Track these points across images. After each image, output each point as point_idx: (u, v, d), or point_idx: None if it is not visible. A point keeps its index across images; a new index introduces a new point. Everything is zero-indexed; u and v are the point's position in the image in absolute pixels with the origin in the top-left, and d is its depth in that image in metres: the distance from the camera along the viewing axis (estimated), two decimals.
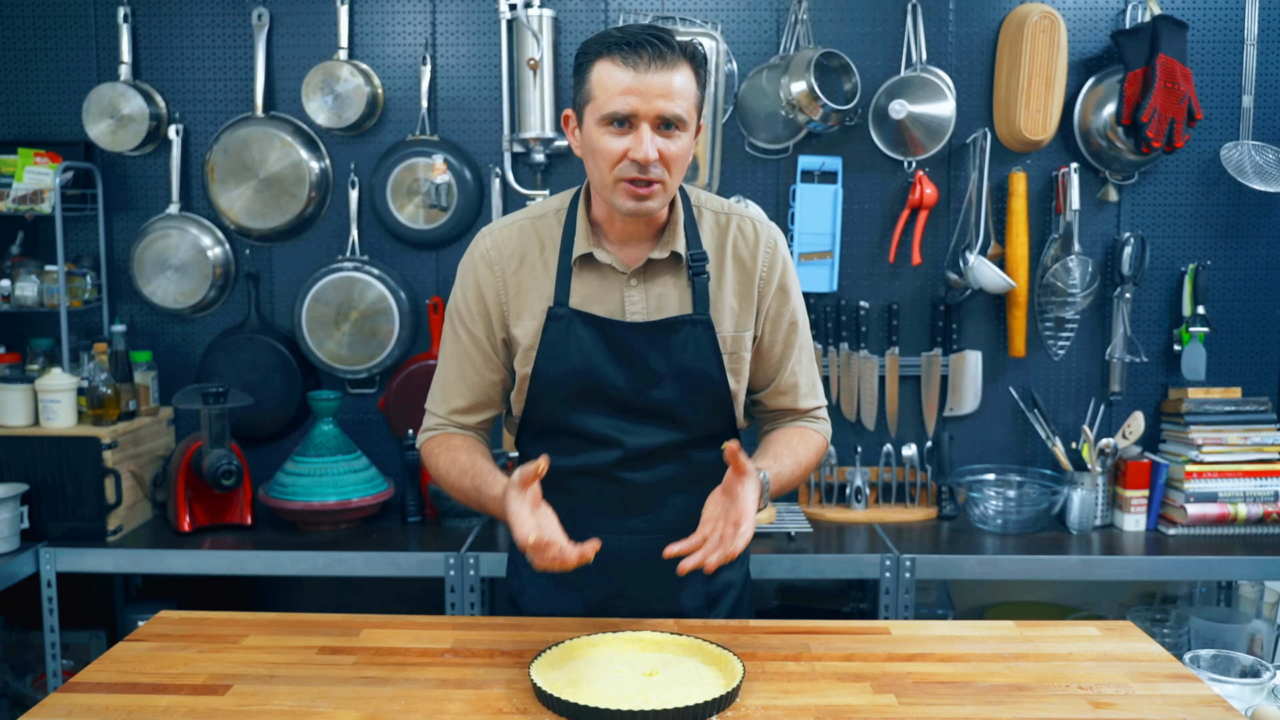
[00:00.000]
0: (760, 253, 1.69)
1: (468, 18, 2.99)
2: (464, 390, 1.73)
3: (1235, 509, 2.76)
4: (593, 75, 1.55)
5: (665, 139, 1.54)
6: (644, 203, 1.56)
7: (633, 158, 1.52)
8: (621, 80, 1.51)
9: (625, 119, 1.52)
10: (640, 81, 1.51)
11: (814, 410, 1.79)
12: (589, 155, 1.59)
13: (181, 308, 3.02)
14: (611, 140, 1.54)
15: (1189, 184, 3.00)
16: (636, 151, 1.52)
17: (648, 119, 1.52)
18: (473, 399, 1.73)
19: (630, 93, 1.51)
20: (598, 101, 1.54)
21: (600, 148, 1.55)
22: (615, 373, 1.65)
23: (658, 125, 1.53)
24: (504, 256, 1.69)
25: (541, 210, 1.72)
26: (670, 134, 1.54)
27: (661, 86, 1.51)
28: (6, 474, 2.68)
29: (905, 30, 2.92)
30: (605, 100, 1.53)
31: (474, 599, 2.59)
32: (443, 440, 1.73)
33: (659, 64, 1.51)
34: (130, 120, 2.94)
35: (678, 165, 1.56)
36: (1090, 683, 1.47)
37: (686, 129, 1.55)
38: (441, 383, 1.75)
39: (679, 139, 1.55)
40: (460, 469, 1.67)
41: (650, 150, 1.51)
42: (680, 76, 1.53)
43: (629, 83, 1.51)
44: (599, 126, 1.55)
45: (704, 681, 1.42)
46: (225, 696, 1.42)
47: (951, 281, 2.92)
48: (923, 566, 2.58)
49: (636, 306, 1.65)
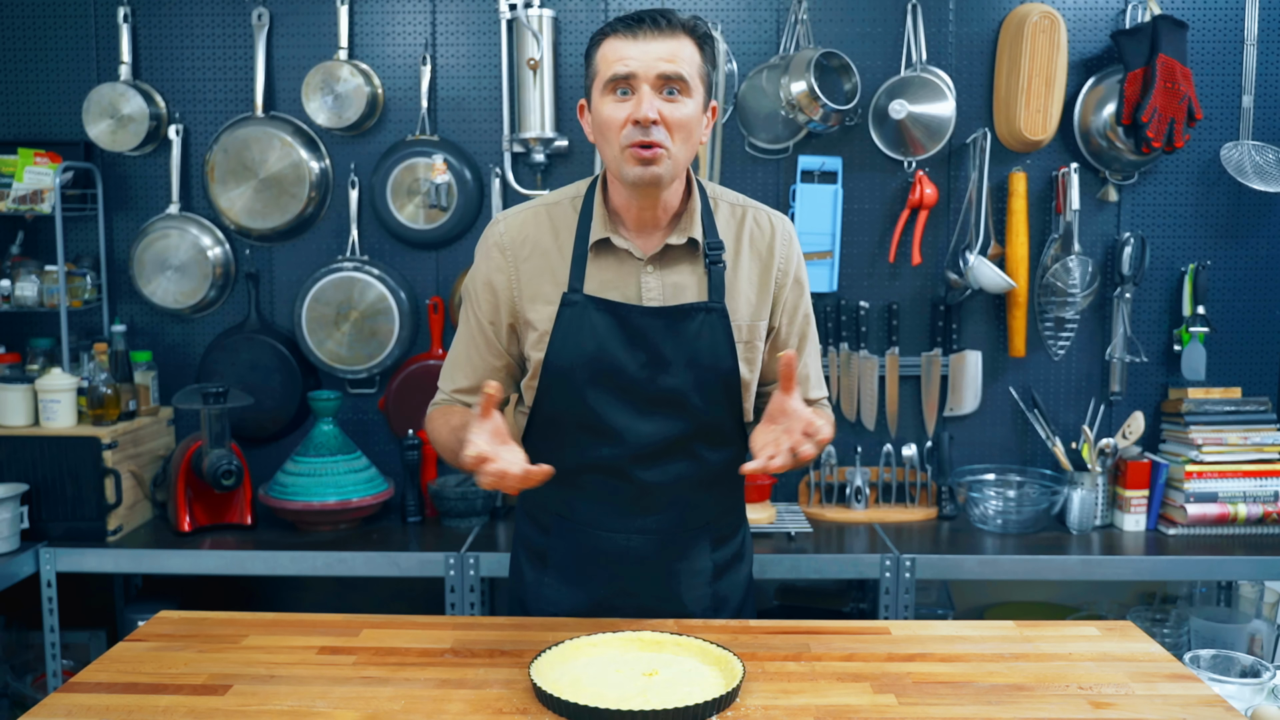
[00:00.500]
0: (777, 244, 1.71)
1: (468, 18, 2.99)
2: (468, 371, 1.75)
3: (1235, 509, 2.76)
4: (598, 54, 1.59)
5: (667, 102, 1.55)
6: (649, 167, 1.56)
7: (634, 119, 1.54)
8: (621, 48, 1.56)
9: (625, 80, 1.55)
10: (639, 47, 1.55)
11: (819, 401, 1.81)
12: (599, 133, 1.61)
13: (181, 308, 3.02)
14: (615, 107, 1.56)
15: (1189, 184, 3.00)
16: (637, 112, 1.54)
17: (648, 80, 1.54)
18: (474, 380, 1.74)
19: (629, 56, 1.54)
20: (600, 73, 1.58)
21: (605, 117, 1.57)
22: (628, 358, 1.64)
23: (659, 88, 1.55)
24: (517, 242, 1.69)
25: (558, 197, 1.73)
26: (673, 99, 1.56)
27: (660, 49, 1.55)
28: (6, 474, 2.68)
29: (905, 30, 2.92)
30: (605, 69, 1.57)
31: (474, 599, 2.59)
32: (444, 410, 1.76)
33: (657, 32, 1.55)
34: (130, 120, 2.94)
35: (682, 132, 1.57)
36: (1090, 683, 1.47)
37: (690, 93, 1.57)
38: (452, 361, 1.78)
39: (682, 104, 1.56)
40: (451, 427, 1.67)
41: (650, 110, 1.53)
42: (680, 44, 1.56)
43: (628, 49, 1.55)
44: (603, 96, 1.58)
45: (704, 681, 1.42)
46: (225, 696, 1.42)
47: (951, 281, 2.92)
48: (923, 566, 2.58)
49: (653, 293, 1.66)
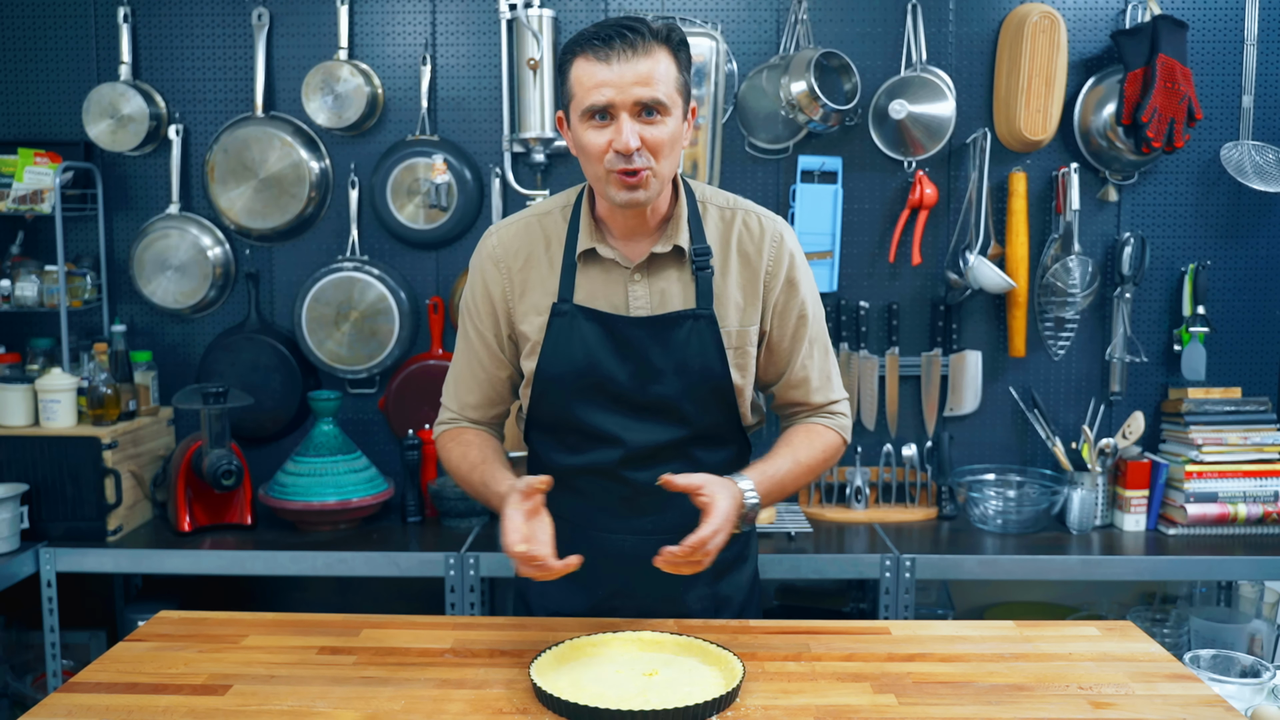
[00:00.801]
0: (766, 247, 1.69)
1: (468, 18, 2.99)
2: (473, 386, 1.76)
3: (1235, 509, 2.76)
4: (571, 74, 1.57)
5: (647, 125, 1.54)
6: (634, 192, 1.56)
7: (615, 148, 1.53)
8: (595, 74, 1.53)
9: (604, 110, 1.54)
10: (613, 73, 1.52)
11: (829, 405, 1.77)
12: (579, 153, 1.61)
13: (181, 308, 3.02)
14: (595, 134, 1.55)
15: (1189, 184, 3.00)
16: (618, 142, 1.53)
17: (625, 108, 1.53)
18: (482, 395, 1.76)
19: (605, 85, 1.52)
20: (577, 99, 1.56)
21: (585, 143, 1.57)
22: (618, 368, 1.65)
23: (637, 113, 1.54)
24: (510, 254, 1.70)
25: (547, 208, 1.74)
26: (652, 120, 1.55)
27: (635, 75, 1.52)
28: (6, 474, 2.68)
29: (905, 30, 2.92)
30: (583, 96, 1.55)
31: (474, 599, 2.59)
32: (456, 434, 1.77)
33: (630, 53, 1.52)
34: (130, 120, 2.94)
35: (664, 151, 1.56)
36: (1090, 683, 1.47)
37: (669, 113, 1.56)
38: (455, 377, 1.79)
39: (662, 124, 1.55)
40: (470, 463, 1.71)
41: (631, 139, 1.52)
42: (655, 62, 1.54)
43: (602, 75, 1.53)
44: (582, 123, 1.57)
45: (704, 681, 1.42)
46: (225, 696, 1.42)
47: (951, 281, 2.92)
48: (923, 566, 2.58)
49: (640, 301, 1.66)
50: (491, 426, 1.81)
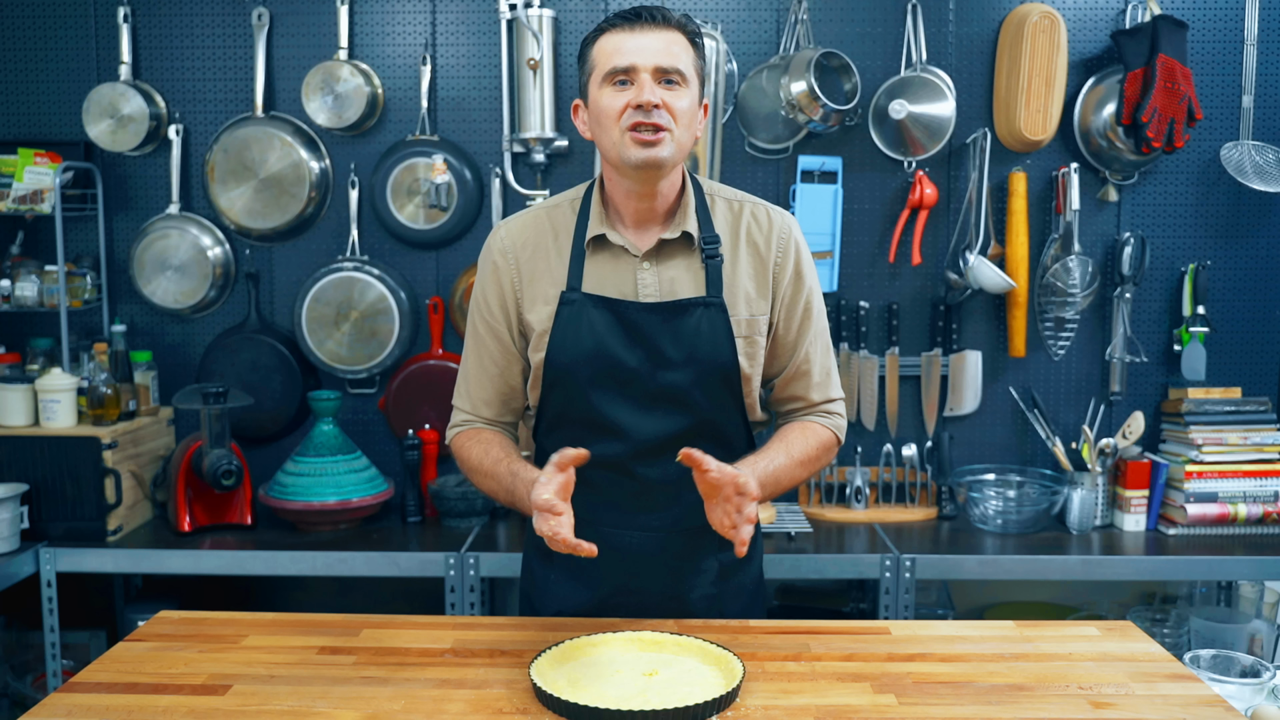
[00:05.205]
0: (774, 239, 1.71)
1: (468, 18, 2.99)
2: (485, 383, 1.75)
3: (1235, 509, 2.76)
4: (594, 50, 1.62)
5: (667, 91, 1.58)
6: (652, 150, 1.57)
7: (635, 103, 1.56)
8: (619, 42, 1.59)
9: (625, 72, 1.57)
10: (637, 40, 1.58)
11: (826, 404, 1.78)
12: (597, 123, 1.62)
13: (181, 308, 3.02)
14: (615, 95, 1.59)
15: (1189, 184, 3.00)
16: (638, 97, 1.56)
17: (647, 71, 1.57)
18: (494, 391, 1.75)
19: (628, 49, 1.57)
20: (599, 67, 1.60)
21: (604, 105, 1.59)
22: (628, 355, 1.65)
23: (659, 79, 1.58)
24: (517, 245, 1.71)
25: (556, 201, 1.75)
26: (672, 88, 1.58)
27: (658, 41, 1.58)
28: (6, 474, 2.68)
29: (905, 30, 2.92)
30: (605, 62, 1.59)
31: (474, 599, 2.59)
32: (473, 434, 1.75)
33: (654, 25, 1.59)
34: (130, 120, 2.94)
35: (682, 119, 1.59)
36: (1090, 683, 1.47)
37: (687, 85, 1.60)
38: (466, 376, 1.77)
39: (682, 94, 1.59)
40: (494, 458, 1.68)
41: (652, 94, 1.56)
42: (676, 38, 1.60)
43: (626, 42, 1.58)
44: (602, 88, 1.60)
45: (704, 681, 1.42)
46: (225, 696, 1.42)
47: (951, 281, 2.92)
48: (923, 566, 2.58)
49: (649, 289, 1.66)
50: (505, 429, 1.78)
